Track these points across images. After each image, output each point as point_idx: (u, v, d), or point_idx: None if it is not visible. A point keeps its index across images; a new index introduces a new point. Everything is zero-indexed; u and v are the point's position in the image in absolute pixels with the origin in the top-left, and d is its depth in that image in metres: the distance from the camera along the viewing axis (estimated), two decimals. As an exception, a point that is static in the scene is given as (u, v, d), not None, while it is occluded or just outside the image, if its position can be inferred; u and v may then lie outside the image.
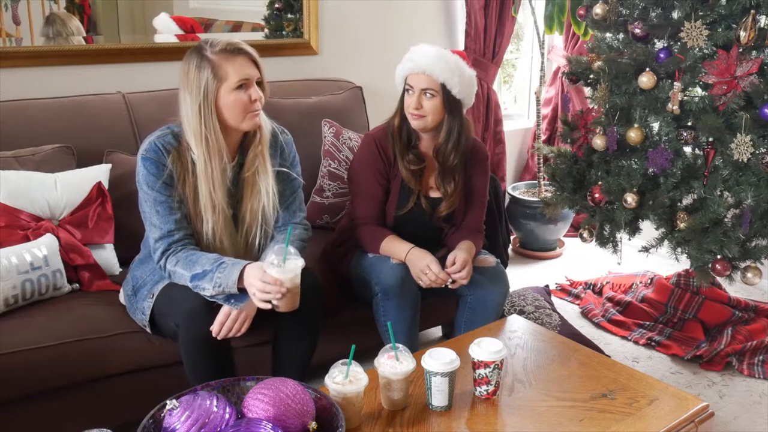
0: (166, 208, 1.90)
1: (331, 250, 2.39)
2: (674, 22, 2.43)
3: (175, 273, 1.89)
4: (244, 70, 1.88)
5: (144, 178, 1.90)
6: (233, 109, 1.88)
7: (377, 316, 2.16)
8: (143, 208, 1.94)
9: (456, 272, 2.10)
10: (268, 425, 1.36)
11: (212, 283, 1.83)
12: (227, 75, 1.86)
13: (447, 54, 2.15)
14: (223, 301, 1.86)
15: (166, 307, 1.93)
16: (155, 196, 1.90)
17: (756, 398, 2.52)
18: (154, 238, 1.91)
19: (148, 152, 1.90)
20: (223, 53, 1.86)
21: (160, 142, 1.91)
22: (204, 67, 1.85)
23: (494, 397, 1.70)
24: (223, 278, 1.83)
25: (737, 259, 2.40)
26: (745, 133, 2.26)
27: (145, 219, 1.94)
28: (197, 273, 1.85)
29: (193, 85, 1.86)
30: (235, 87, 1.87)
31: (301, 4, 3.07)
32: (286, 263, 1.76)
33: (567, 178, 2.83)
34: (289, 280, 1.78)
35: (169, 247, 1.90)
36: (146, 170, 1.89)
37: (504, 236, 2.72)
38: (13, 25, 2.48)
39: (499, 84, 4.06)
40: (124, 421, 1.83)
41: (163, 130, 1.95)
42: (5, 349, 1.85)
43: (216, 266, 1.85)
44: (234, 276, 1.83)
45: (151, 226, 1.92)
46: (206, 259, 1.87)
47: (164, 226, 1.90)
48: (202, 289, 1.85)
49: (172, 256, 1.90)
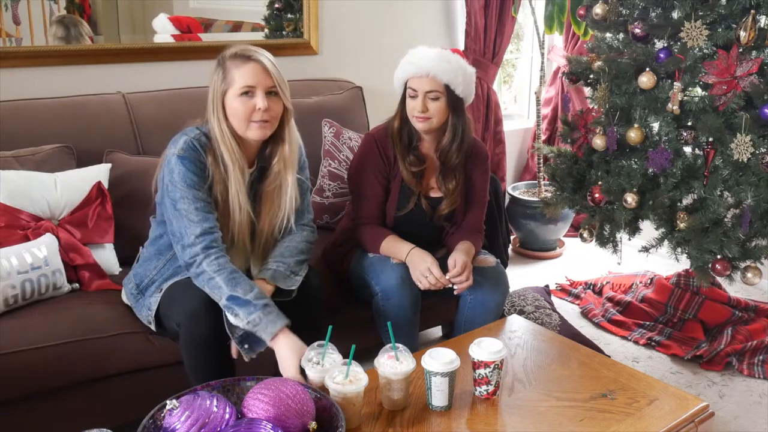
0: (205, 205, 1.89)
1: (331, 250, 2.39)
2: (674, 22, 2.43)
3: (211, 279, 1.83)
4: (251, 77, 1.85)
5: (182, 176, 1.86)
6: (236, 115, 1.88)
7: (377, 316, 2.16)
8: (179, 206, 1.87)
9: (457, 275, 2.10)
10: (268, 425, 1.36)
11: (249, 318, 1.79)
12: (233, 80, 1.86)
13: (448, 54, 2.14)
14: (237, 342, 1.83)
15: (168, 307, 1.93)
16: (195, 194, 1.87)
17: (756, 398, 2.52)
18: (193, 234, 1.85)
19: (185, 150, 1.88)
20: (235, 58, 1.86)
21: (196, 141, 1.89)
22: (218, 71, 1.87)
23: (494, 397, 1.70)
24: (262, 325, 1.78)
25: (737, 259, 2.40)
26: (745, 133, 2.26)
27: (180, 218, 1.88)
28: (239, 297, 1.80)
29: (210, 87, 1.89)
30: (240, 93, 1.86)
31: (301, 4, 3.07)
32: (325, 361, 1.69)
33: (567, 178, 2.83)
34: (321, 381, 1.67)
35: (211, 245, 1.86)
36: (185, 168, 1.86)
37: (504, 236, 2.72)
38: (13, 25, 2.48)
39: (499, 84, 4.06)
40: (124, 421, 1.83)
41: (193, 130, 1.93)
42: (5, 349, 1.84)
43: (261, 305, 1.80)
44: (274, 329, 1.78)
45: (188, 222, 1.86)
46: (250, 287, 1.83)
47: (205, 224, 1.87)
48: (234, 314, 1.80)
49: (214, 259, 1.85)
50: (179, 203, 1.88)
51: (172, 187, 1.88)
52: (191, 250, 1.86)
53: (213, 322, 1.84)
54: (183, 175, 1.87)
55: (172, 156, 1.88)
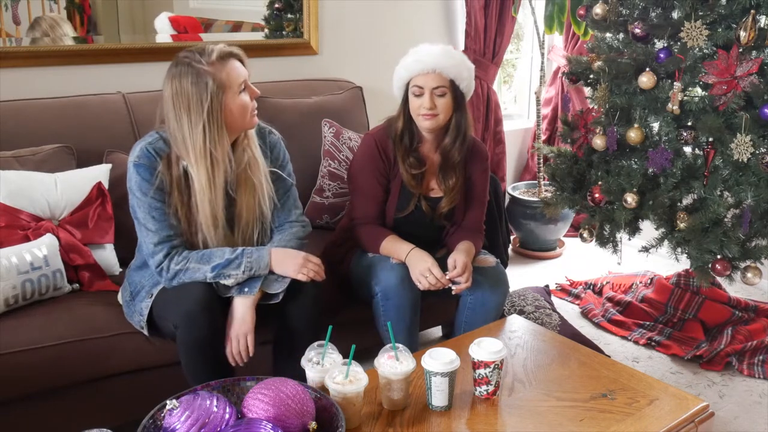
0: (161, 213, 1.90)
1: (331, 250, 2.39)
2: (674, 22, 2.43)
3: (186, 270, 1.88)
4: (241, 72, 1.90)
5: (137, 185, 1.89)
6: (240, 112, 1.90)
7: (377, 316, 2.16)
8: (137, 214, 1.92)
9: (458, 275, 2.10)
10: (268, 425, 1.36)
11: (241, 268, 1.87)
12: (230, 81, 1.86)
13: (451, 50, 2.16)
14: (236, 292, 1.89)
15: (163, 309, 1.92)
16: (150, 202, 1.89)
17: (756, 398, 2.52)
18: (152, 243, 1.90)
19: (140, 158, 1.89)
20: (220, 61, 1.85)
21: (152, 148, 1.90)
22: (204, 81, 1.82)
23: (494, 397, 1.71)
24: (254, 261, 1.89)
25: (737, 259, 2.40)
26: (745, 133, 2.26)
27: (140, 226, 1.93)
28: (218, 263, 1.88)
29: (192, 103, 1.83)
30: (239, 91, 1.88)
31: (301, 4, 3.07)
32: (325, 361, 1.68)
33: (567, 178, 2.83)
34: (321, 381, 1.66)
35: (170, 251, 1.90)
36: (139, 176, 1.88)
37: (504, 236, 2.72)
38: (13, 25, 2.48)
39: (499, 84, 4.06)
40: (124, 421, 1.83)
41: (152, 136, 1.94)
42: (5, 349, 1.85)
43: (240, 253, 1.89)
44: (265, 258, 1.90)
45: (147, 231, 1.91)
46: (222, 252, 1.90)
47: (162, 232, 1.90)
48: (226, 277, 1.87)
49: (177, 257, 1.89)
50: (137, 211, 1.92)
51: (130, 195, 1.92)
52: (154, 259, 1.90)
53: (210, 323, 1.84)
54: (138, 183, 1.89)
55: (129, 163, 1.91)
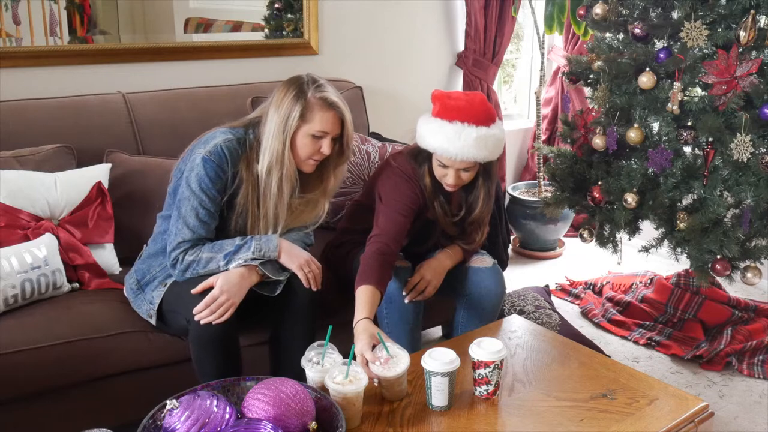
0: (207, 215, 1.92)
1: (331, 250, 2.38)
2: (674, 22, 2.44)
3: (200, 261, 1.91)
4: (329, 125, 1.94)
5: (198, 178, 1.90)
6: (301, 149, 1.94)
7: (380, 318, 2.16)
8: (180, 206, 1.93)
9: (408, 290, 2.11)
10: (268, 425, 1.36)
11: (251, 250, 1.91)
12: (313, 121, 1.92)
13: (485, 133, 1.98)
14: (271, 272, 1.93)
15: (175, 303, 1.93)
16: (202, 200, 1.91)
17: (756, 398, 2.52)
18: (182, 238, 1.91)
19: (212, 155, 1.91)
20: (320, 101, 1.92)
21: (226, 148, 1.92)
22: (298, 102, 1.91)
23: (494, 397, 1.70)
24: (263, 243, 1.93)
25: (737, 259, 2.40)
26: (744, 133, 2.26)
27: (179, 218, 1.93)
28: (230, 251, 1.91)
29: (282, 110, 1.92)
30: (313, 134, 1.93)
31: (301, 4, 3.07)
32: (325, 361, 1.68)
33: (567, 178, 2.83)
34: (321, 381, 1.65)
35: (191, 248, 1.93)
36: (205, 172, 1.90)
37: (504, 236, 2.72)
38: (13, 25, 2.48)
39: (499, 84, 4.06)
40: (124, 421, 1.83)
41: (226, 134, 1.95)
42: (5, 348, 1.84)
43: (249, 239, 1.94)
44: (274, 241, 1.94)
45: (183, 226, 1.91)
46: (232, 240, 1.94)
47: (198, 231, 1.92)
48: (237, 260, 1.90)
49: (191, 249, 1.92)
50: (183, 204, 1.92)
51: (184, 184, 1.92)
52: (175, 252, 1.92)
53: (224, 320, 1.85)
54: (200, 178, 1.90)
55: (199, 155, 1.91)
